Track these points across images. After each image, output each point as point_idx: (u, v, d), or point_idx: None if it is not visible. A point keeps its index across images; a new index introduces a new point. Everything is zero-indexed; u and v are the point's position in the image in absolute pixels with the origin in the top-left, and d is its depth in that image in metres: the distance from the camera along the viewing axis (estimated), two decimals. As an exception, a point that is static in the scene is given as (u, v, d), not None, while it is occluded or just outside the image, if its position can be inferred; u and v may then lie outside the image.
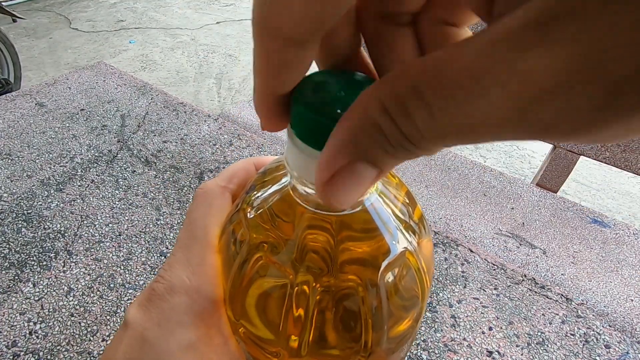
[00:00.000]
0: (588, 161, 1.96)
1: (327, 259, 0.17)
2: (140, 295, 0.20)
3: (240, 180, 0.22)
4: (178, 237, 0.21)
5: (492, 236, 0.80)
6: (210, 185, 0.22)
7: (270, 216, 0.18)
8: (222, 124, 0.71)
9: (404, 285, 0.18)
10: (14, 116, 0.68)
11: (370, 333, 0.18)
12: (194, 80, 2.49)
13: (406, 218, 0.19)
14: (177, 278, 0.19)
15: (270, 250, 0.18)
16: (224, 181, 0.22)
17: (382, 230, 0.18)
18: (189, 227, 0.21)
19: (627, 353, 0.43)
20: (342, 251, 0.17)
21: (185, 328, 0.18)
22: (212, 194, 0.21)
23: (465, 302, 0.47)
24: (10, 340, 0.41)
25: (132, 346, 0.18)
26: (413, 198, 0.21)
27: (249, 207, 0.19)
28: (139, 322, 0.19)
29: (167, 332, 0.18)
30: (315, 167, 0.13)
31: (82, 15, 3.20)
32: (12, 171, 0.59)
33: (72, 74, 0.80)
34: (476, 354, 0.42)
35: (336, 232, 0.17)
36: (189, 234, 0.20)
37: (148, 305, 0.19)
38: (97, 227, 0.52)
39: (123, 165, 0.61)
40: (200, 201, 0.21)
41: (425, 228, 0.20)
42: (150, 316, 0.19)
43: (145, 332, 0.18)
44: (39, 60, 2.60)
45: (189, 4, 3.51)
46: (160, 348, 0.18)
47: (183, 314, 0.18)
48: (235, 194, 0.22)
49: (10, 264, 0.47)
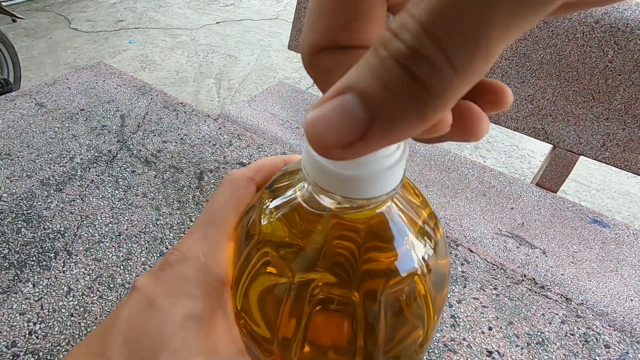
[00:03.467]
0: (588, 161, 1.96)
1: (344, 265, 0.17)
2: (153, 267, 0.20)
3: (266, 174, 0.22)
4: (197, 220, 0.21)
5: (492, 236, 0.80)
6: (238, 174, 0.22)
7: (283, 216, 0.18)
8: (222, 124, 0.71)
9: (406, 309, 0.18)
10: (14, 116, 0.68)
11: (362, 351, 0.17)
12: (194, 80, 2.49)
13: (423, 239, 0.18)
14: (191, 251, 0.19)
15: (275, 249, 0.18)
16: (252, 172, 0.22)
17: (396, 247, 0.17)
18: (210, 211, 0.21)
19: (627, 353, 0.43)
20: (357, 260, 0.17)
21: (194, 299, 0.18)
22: (237, 183, 0.22)
23: (465, 302, 0.47)
24: (9, 340, 0.41)
25: (137, 307, 0.18)
26: (436, 218, 0.20)
27: (265, 203, 0.19)
28: (148, 285, 0.19)
29: (175, 299, 0.18)
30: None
31: (82, 15, 3.20)
32: (12, 171, 0.59)
33: (71, 74, 0.80)
34: (476, 354, 0.42)
35: (359, 241, 0.17)
36: (209, 219, 0.21)
37: (159, 273, 0.19)
38: (97, 227, 0.52)
39: (123, 166, 0.61)
40: (225, 188, 0.21)
41: (442, 248, 0.19)
42: (161, 282, 0.19)
43: (153, 295, 0.18)
44: (39, 60, 2.59)
45: (188, 4, 3.51)
46: (166, 313, 0.18)
47: (193, 286, 0.18)
48: (260, 186, 0.22)
49: (9, 264, 0.47)
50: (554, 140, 0.93)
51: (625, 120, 0.84)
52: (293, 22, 1.17)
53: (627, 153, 0.86)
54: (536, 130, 0.93)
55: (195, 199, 0.57)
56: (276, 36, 3.06)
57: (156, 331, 0.17)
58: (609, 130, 0.86)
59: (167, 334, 0.17)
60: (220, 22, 3.23)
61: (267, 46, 2.92)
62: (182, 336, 0.17)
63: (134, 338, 0.17)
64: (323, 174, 0.15)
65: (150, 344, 0.17)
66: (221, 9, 3.46)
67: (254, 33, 3.09)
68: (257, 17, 3.34)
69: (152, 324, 0.17)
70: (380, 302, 0.17)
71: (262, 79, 2.56)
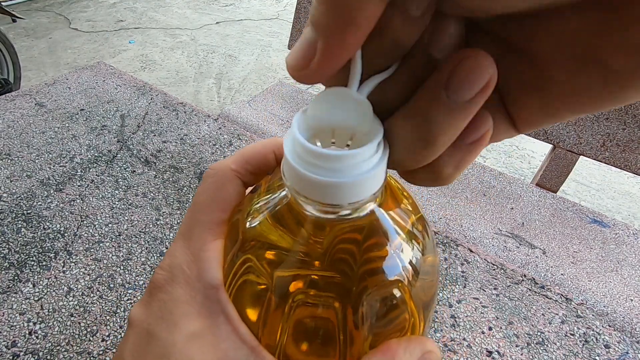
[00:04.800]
0: (588, 161, 1.96)
1: (327, 269, 0.17)
2: (144, 294, 0.20)
3: (255, 169, 0.21)
4: (183, 220, 0.20)
5: (492, 236, 0.80)
6: (221, 167, 0.20)
7: (265, 219, 0.18)
8: (222, 124, 0.71)
9: (390, 313, 0.17)
10: (14, 116, 0.68)
11: (345, 356, 0.17)
12: (194, 80, 2.49)
13: (411, 242, 0.18)
14: (176, 268, 0.19)
15: (256, 253, 0.17)
16: (237, 164, 0.21)
17: (381, 251, 0.17)
18: (193, 209, 0.20)
19: (627, 353, 0.43)
20: (333, 263, 0.17)
21: (189, 318, 0.18)
22: (221, 177, 0.20)
23: (465, 302, 0.47)
24: (9, 340, 0.41)
25: (138, 343, 0.18)
26: (425, 220, 0.20)
27: (250, 206, 0.19)
28: (142, 318, 0.19)
29: (171, 324, 0.18)
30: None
31: (82, 15, 3.20)
32: (12, 171, 0.59)
33: (71, 74, 0.80)
34: (476, 354, 0.42)
35: (343, 246, 0.17)
36: (192, 217, 0.20)
37: (149, 300, 0.19)
38: (97, 227, 0.52)
39: (123, 166, 0.61)
40: (208, 183, 0.20)
41: (431, 251, 0.19)
42: (153, 310, 0.19)
43: (149, 327, 0.18)
44: (39, 60, 2.60)
45: (188, 4, 3.51)
46: (166, 341, 0.17)
47: (186, 305, 0.18)
48: (247, 181, 0.21)
49: (9, 264, 0.47)
50: (554, 140, 0.93)
51: (625, 120, 0.84)
52: (293, 22, 1.17)
53: (627, 153, 0.86)
54: (536, 130, 0.93)
55: (195, 199, 0.57)
56: (276, 36, 3.06)
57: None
58: (609, 130, 0.86)
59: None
60: (220, 22, 3.23)
61: (267, 46, 2.92)
62: (188, 358, 0.17)
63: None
64: (301, 180, 0.15)
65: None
66: (221, 9, 3.46)
67: (254, 33, 3.09)
68: (257, 17, 3.34)
69: (155, 355, 0.17)
70: (362, 307, 0.16)
71: (262, 79, 2.56)
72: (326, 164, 0.14)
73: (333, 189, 0.15)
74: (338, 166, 0.14)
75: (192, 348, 0.17)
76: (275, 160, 0.21)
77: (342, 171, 0.14)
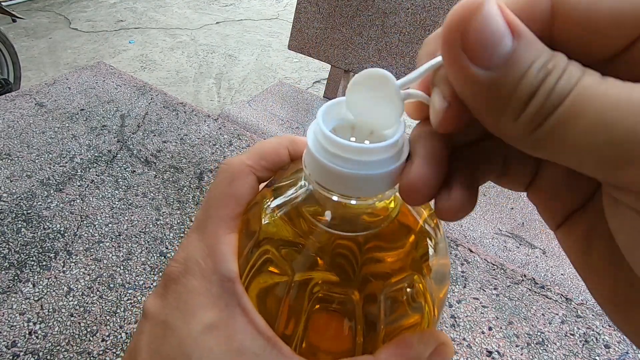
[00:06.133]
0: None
1: (344, 263, 0.17)
2: (158, 285, 0.20)
3: (269, 164, 0.21)
4: (195, 215, 0.20)
5: (492, 236, 0.80)
6: (236, 162, 0.20)
7: (285, 214, 0.18)
8: (222, 124, 0.71)
9: (406, 308, 0.17)
10: (14, 116, 0.68)
11: (362, 349, 0.17)
12: (194, 81, 2.49)
13: (424, 238, 0.18)
14: (191, 260, 0.19)
15: (276, 247, 0.18)
16: (252, 160, 0.21)
17: (397, 247, 0.17)
18: (206, 204, 0.20)
19: (627, 353, 0.43)
20: (357, 258, 0.17)
21: (206, 309, 0.18)
22: (235, 172, 0.20)
23: (465, 302, 0.47)
24: (9, 340, 0.41)
25: (154, 333, 0.18)
26: (436, 217, 0.20)
27: (266, 201, 0.19)
28: (158, 309, 0.19)
29: (187, 315, 0.18)
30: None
31: (82, 15, 3.20)
32: (12, 171, 0.59)
33: (71, 74, 0.80)
34: (476, 354, 0.42)
35: (360, 240, 0.17)
36: (205, 212, 0.20)
37: (164, 292, 0.19)
38: (97, 227, 0.52)
39: (123, 166, 0.61)
40: (221, 178, 0.20)
41: (443, 248, 0.19)
42: (168, 301, 0.18)
43: (166, 317, 0.18)
44: (39, 60, 2.59)
45: (188, 4, 3.51)
46: (182, 332, 0.17)
47: (202, 296, 0.18)
48: (262, 176, 0.21)
49: (9, 264, 0.47)
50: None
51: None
52: (293, 22, 1.17)
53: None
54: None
55: (195, 199, 0.57)
56: (276, 36, 3.06)
57: (178, 352, 0.17)
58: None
59: (189, 352, 0.17)
60: (220, 22, 3.23)
61: (267, 46, 2.92)
62: (204, 348, 0.17)
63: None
64: (324, 173, 0.15)
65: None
66: (221, 9, 3.46)
67: (254, 33, 3.09)
68: (257, 17, 3.34)
69: (171, 345, 0.17)
70: (380, 301, 0.17)
71: (262, 79, 2.56)
72: (359, 157, 0.15)
73: (356, 181, 0.15)
74: (363, 158, 0.15)
75: (208, 338, 0.17)
76: (288, 156, 0.21)
77: (366, 163, 0.15)
